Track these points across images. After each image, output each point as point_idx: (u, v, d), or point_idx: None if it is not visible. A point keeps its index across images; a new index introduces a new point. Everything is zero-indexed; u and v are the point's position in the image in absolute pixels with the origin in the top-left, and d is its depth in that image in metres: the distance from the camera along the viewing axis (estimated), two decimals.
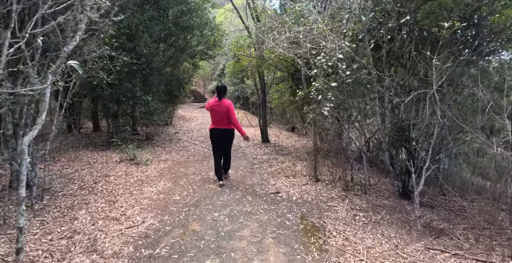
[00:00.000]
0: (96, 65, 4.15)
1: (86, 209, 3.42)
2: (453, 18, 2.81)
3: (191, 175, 4.89)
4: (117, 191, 4.09)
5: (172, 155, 6.61)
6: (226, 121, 4.17)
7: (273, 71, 8.15)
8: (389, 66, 3.70)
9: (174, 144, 8.04)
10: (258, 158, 6.34)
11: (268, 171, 5.24)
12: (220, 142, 4.30)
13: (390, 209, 3.64)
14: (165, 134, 9.63)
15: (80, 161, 5.92)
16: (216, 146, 4.33)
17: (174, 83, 9.03)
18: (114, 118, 7.78)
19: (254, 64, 7.80)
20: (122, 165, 5.53)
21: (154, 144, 7.84)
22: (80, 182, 4.45)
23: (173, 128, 10.79)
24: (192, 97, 22.81)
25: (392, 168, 4.06)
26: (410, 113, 3.65)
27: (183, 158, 6.34)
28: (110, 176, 4.78)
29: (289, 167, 5.54)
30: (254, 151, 7.26)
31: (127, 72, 6.86)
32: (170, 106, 10.88)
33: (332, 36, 3.14)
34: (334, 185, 4.42)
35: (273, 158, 6.31)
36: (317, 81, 3.24)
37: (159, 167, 5.43)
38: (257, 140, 9.05)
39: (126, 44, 6.90)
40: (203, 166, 5.56)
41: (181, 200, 3.71)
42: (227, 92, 4.49)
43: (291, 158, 6.38)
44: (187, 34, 8.08)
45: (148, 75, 7.54)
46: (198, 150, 7.27)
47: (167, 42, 8.41)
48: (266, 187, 4.33)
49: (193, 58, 8.76)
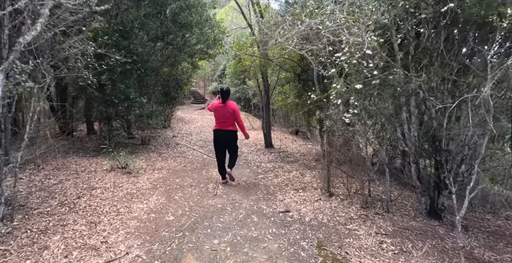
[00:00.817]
0: (79, 64, 3.61)
1: (62, 233, 2.88)
2: (508, 5, 2.28)
3: (187, 188, 4.34)
4: (102, 208, 3.55)
5: (168, 162, 6.07)
6: (230, 123, 4.26)
7: (278, 71, 7.62)
8: (418, 65, 3.16)
9: (171, 149, 7.50)
10: (262, 166, 5.79)
11: (274, 183, 4.69)
12: (224, 142, 4.36)
13: (421, 233, 3.09)
14: (163, 138, 9.10)
15: (66, 169, 5.39)
16: (219, 146, 4.40)
17: (172, 84, 8.50)
18: (107, 122, 7.25)
19: (257, 64, 7.27)
20: (112, 175, 4.99)
21: (149, 149, 7.30)
22: (61, 196, 3.91)
23: (171, 132, 10.26)
24: (192, 98, 22.30)
25: (419, 183, 3.52)
26: (443, 121, 3.11)
27: (180, 165, 5.80)
28: (96, 189, 4.24)
29: (297, 177, 4.99)
30: (257, 157, 6.72)
31: (120, 72, 6.34)
32: (168, 108, 10.35)
33: (358, 27, 2.60)
34: (350, 201, 3.87)
35: (279, 166, 5.76)
36: (337, 82, 2.71)
37: (152, 177, 4.89)
38: (260, 144, 8.51)
39: (119, 42, 6.37)
40: (202, 176, 5.02)
41: (175, 222, 3.17)
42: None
43: (298, 166, 5.83)
44: (186, 31, 7.56)
45: (144, 76, 7.02)
46: (197, 156, 6.73)
47: (165, 40, 7.89)
48: (274, 203, 3.78)
49: (192, 57, 8.23)
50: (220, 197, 3.98)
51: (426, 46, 2.99)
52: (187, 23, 7.20)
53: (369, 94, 2.84)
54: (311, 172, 5.35)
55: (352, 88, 2.64)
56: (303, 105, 7.83)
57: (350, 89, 2.66)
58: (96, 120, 7.71)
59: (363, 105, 2.85)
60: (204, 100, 21.95)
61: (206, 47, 8.07)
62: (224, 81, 19.66)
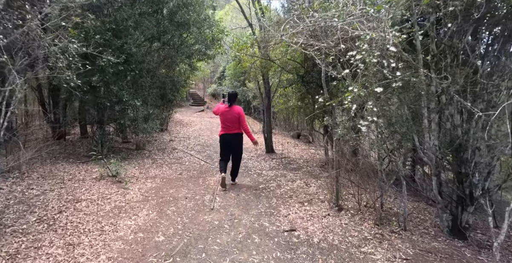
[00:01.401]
0: (60, 63, 3.23)
1: (34, 258, 2.50)
2: None
3: (182, 200, 3.96)
4: (85, 225, 3.16)
5: (163, 169, 5.68)
6: (236, 127, 4.32)
7: (279, 73, 7.26)
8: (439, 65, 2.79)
9: (167, 154, 7.11)
10: (263, 175, 5.41)
11: (276, 194, 4.31)
12: (231, 146, 4.39)
13: (446, 256, 2.71)
14: (159, 142, 8.72)
15: (53, 177, 5.01)
16: (224, 150, 4.45)
17: (169, 86, 8.12)
18: (99, 126, 6.87)
19: (258, 65, 6.91)
20: (101, 184, 4.61)
21: (144, 155, 6.91)
22: (42, 210, 3.53)
23: (168, 135, 9.88)
24: (191, 100, 21.96)
25: (441, 198, 3.13)
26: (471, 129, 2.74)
27: (175, 173, 5.41)
28: (82, 201, 3.86)
29: (301, 187, 4.61)
30: (258, 164, 6.33)
31: (113, 74, 5.97)
32: (165, 111, 9.97)
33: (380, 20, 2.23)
34: (362, 216, 3.49)
35: (281, 175, 5.37)
36: (354, 85, 2.33)
37: (144, 187, 4.50)
38: (260, 149, 8.13)
39: (112, 41, 6.01)
40: (198, 186, 4.63)
41: (165, 243, 2.78)
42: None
43: (302, 174, 5.45)
44: (183, 31, 7.19)
45: (139, 77, 6.65)
46: (194, 163, 6.34)
47: (161, 40, 7.52)
48: (277, 219, 3.39)
49: (190, 58, 7.85)
50: (217, 211, 3.59)
51: (452, 44, 2.62)
52: (184, 22, 6.84)
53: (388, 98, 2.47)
54: (316, 181, 4.96)
55: (371, 92, 2.28)
56: (305, 109, 7.47)
57: (369, 93, 2.29)
58: (89, 123, 7.33)
59: (383, 111, 2.48)
60: (203, 102, 21.60)
61: (204, 48, 7.70)
62: (224, 83, 19.32)
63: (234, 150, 4.43)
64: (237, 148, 4.43)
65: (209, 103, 21.53)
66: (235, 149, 4.42)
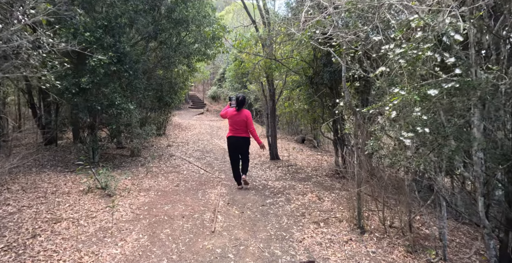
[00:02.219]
0: (32, 60, 2.71)
1: None
2: None
3: (178, 220, 3.42)
4: (60, 254, 2.63)
5: (158, 179, 5.15)
6: (243, 130, 4.44)
7: (285, 74, 6.75)
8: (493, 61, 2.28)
9: (164, 161, 6.58)
10: (270, 186, 4.88)
11: (286, 211, 3.78)
12: (238, 148, 4.50)
13: None
14: (156, 147, 8.19)
15: (35, 189, 4.48)
16: (233, 152, 4.54)
17: (166, 88, 7.61)
18: (90, 131, 6.35)
19: (262, 65, 6.41)
20: (88, 198, 4.08)
21: (139, 162, 6.39)
22: (13, 233, 3.00)
23: (166, 140, 9.35)
24: (191, 102, 21.46)
25: (488, 222, 2.61)
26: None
27: (171, 184, 4.88)
28: (62, 221, 3.33)
29: (314, 202, 4.08)
30: (262, 173, 5.80)
31: (105, 74, 5.46)
32: (163, 115, 9.45)
33: None
34: (390, 241, 2.96)
35: (290, 186, 4.85)
36: (401, 87, 1.81)
37: (136, 202, 3.97)
38: (264, 155, 7.60)
39: (104, 39, 5.51)
40: (197, 201, 4.10)
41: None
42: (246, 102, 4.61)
43: (313, 185, 4.92)
44: (181, 29, 6.70)
45: (133, 79, 6.13)
46: (193, 171, 5.82)
47: (158, 39, 7.03)
48: (290, 246, 2.86)
49: (188, 58, 7.33)
50: (219, 234, 3.06)
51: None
52: (182, 19, 6.34)
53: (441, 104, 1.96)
54: (330, 194, 4.44)
55: (422, 96, 1.76)
56: (312, 113, 6.96)
57: (419, 96, 1.77)
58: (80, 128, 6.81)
59: (433, 119, 1.97)
60: (203, 105, 21.09)
61: (204, 47, 7.19)
62: (224, 85, 18.84)
63: (242, 151, 4.53)
64: (244, 151, 4.54)
65: (209, 105, 21.02)
66: (242, 150, 4.53)
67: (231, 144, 4.48)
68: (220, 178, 5.35)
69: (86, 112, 5.55)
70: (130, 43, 6.58)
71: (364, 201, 3.80)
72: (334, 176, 5.68)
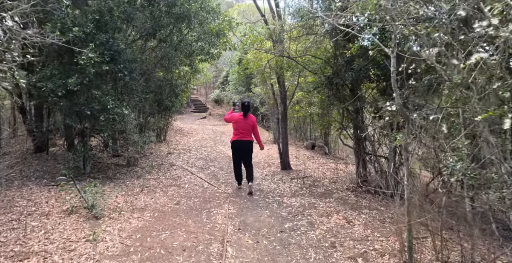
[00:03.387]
0: None
1: None
2: None
3: (178, 255, 2.71)
4: None
5: (155, 195, 4.46)
6: (248, 134, 4.64)
7: (298, 74, 6.07)
8: None
9: (163, 172, 5.90)
10: (286, 204, 4.17)
11: (311, 240, 3.06)
12: (243, 151, 4.65)
13: None
14: (155, 155, 7.51)
15: (11, 209, 3.81)
16: (237, 155, 4.72)
17: (166, 90, 6.95)
18: (81, 139, 5.69)
19: (272, 65, 5.75)
20: (71, 222, 3.40)
21: (135, 174, 5.71)
22: None
23: (166, 147, 8.68)
24: (193, 106, 20.84)
25: None
26: None
27: (171, 202, 4.18)
28: (32, 256, 2.64)
29: (343, 227, 3.36)
30: (275, 186, 5.09)
31: (95, 75, 4.81)
32: (163, 120, 8.79)
33: None
34: None
35: (309, 204, 4.13)
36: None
37: (127, 228, 3.27)
38: (274, 164, 6.90)
39: (95, 35, 4.88)
40: (201, 225, 3.40)
41: None
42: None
43: (336, 203, 4.21)
44: (183, 26, 6.05)
45: (128, 80, 5.48)
46: (195, 185, 5.12)
47: (157, 37, 6.39)
48: None
49: (190, 57, 6.66)
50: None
51: None
52: (183, 14, 5.70)
53: None
54: (359, 215, 3.72)
55: None
56: (328, 117, 6.27)
57: None
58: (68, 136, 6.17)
59: None
60: (205, 109, 20.45)
61: (207, 45, 6.53)
62: (227, 89, 18.21)
63: (246, 154, 4.66)
64: (248, 154, 4.68)
65: (212, 109, 20.38)
66: (246, 155, 4.67)
67: (236, 148, 4.66)
68: (227, 193, 4.65)
69: (75, 117, 4.88)
70: (127, 41, 5.95)
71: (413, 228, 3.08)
72: (356, 190, 4.96)
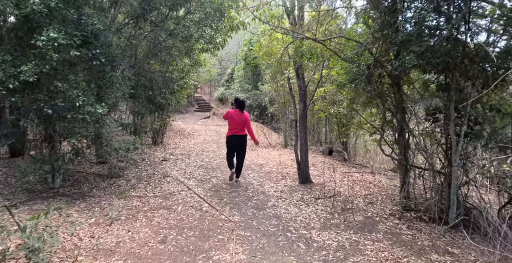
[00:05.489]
0: None
1: None
2: None
3: None
4: None
5: (135, 225, 3.26)
6: (242, 129, 4.95)
7: (321, 65, 4.82)
8: None
9: (152, 187, 4.70)
10: (317, 243, 2.93)
11: None
12: (237, 145, 4.96)
13: None
14: (147, 163, 6.33)
15: None
16: (231, 149, 5.01)
17: (158, 85, 5.73)
18: (48, 145, 4.52)
19: (291, 53, 4.52)
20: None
21: (117, 189, 4.52)
22: None
23: (162, 151, 7.49)
24: (196, 105, 19.70)
25: None
26: None
27: (155, 238, 2.97)
28: None
29: None
30: (297, 210, 3.85)
31: (59, 62, 3.65)
32: (159, 120, 7.60)
33: None
34: None
35: (350, 245, 2.89)
36: None
37: None
38: (289, 175, 5.68)
39: (62, 10, 3.71)
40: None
41: None
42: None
43: (387, 241, 2.96)
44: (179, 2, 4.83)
45: (109, 70, 4.30)
46: (191, 206, 3.90)
47: (148, 19, 5.19)
48: None
49: (187, 42, 5.39)
50: None
51: None
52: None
53: None
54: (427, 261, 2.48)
55: None
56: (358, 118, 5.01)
57: None
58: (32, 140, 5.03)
59: None
60: (209, 108, 19.27)
61: (209, 28, 5.30)
62: (232, 87, 17.03)
63: (239, 148, 4.97)
64: (242, 147, 4.98)
65: (216, 108, 19.18)
66: (240, 148, 4.98)
67: (232, 142, 4.94)
68: (233, 221, 3.43)
69: (33, 117, 3.71)
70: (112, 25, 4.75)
71: None
72: (403, 216, 3.71)
